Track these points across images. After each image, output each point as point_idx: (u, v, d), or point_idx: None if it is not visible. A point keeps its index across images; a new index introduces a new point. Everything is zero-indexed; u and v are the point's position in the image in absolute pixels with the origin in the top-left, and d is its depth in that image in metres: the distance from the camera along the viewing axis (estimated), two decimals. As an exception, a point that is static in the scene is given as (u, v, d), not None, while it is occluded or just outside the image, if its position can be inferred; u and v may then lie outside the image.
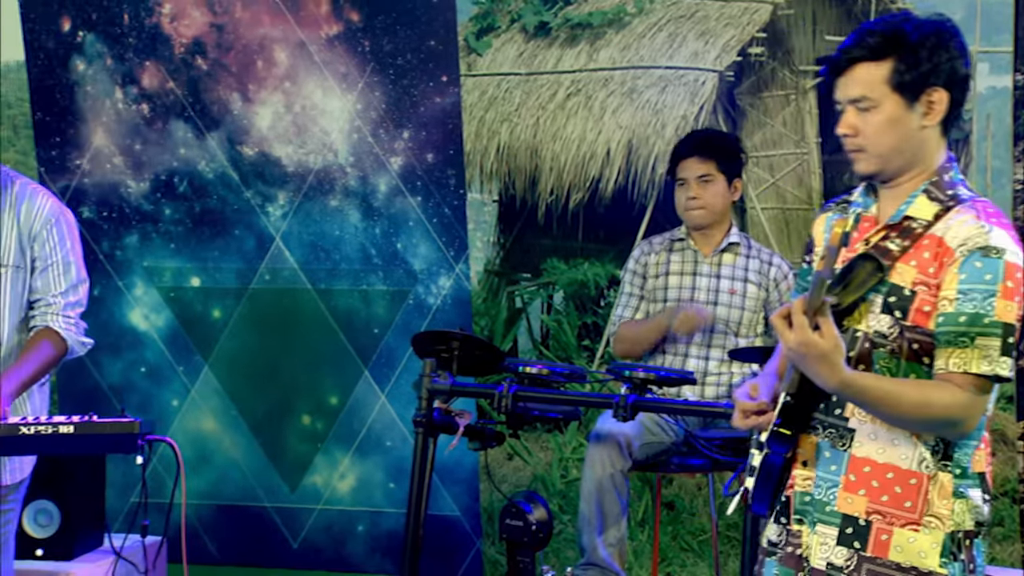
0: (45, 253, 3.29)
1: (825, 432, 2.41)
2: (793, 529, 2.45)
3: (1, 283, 3.26)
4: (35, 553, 3.98)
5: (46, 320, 3.29)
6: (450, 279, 5.06)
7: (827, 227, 2.50)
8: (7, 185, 3.30)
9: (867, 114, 2.37)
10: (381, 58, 5.02)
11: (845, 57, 2.38)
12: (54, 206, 3.33)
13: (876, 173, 2.42)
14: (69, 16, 5.24)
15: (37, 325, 3.29)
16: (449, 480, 5.00)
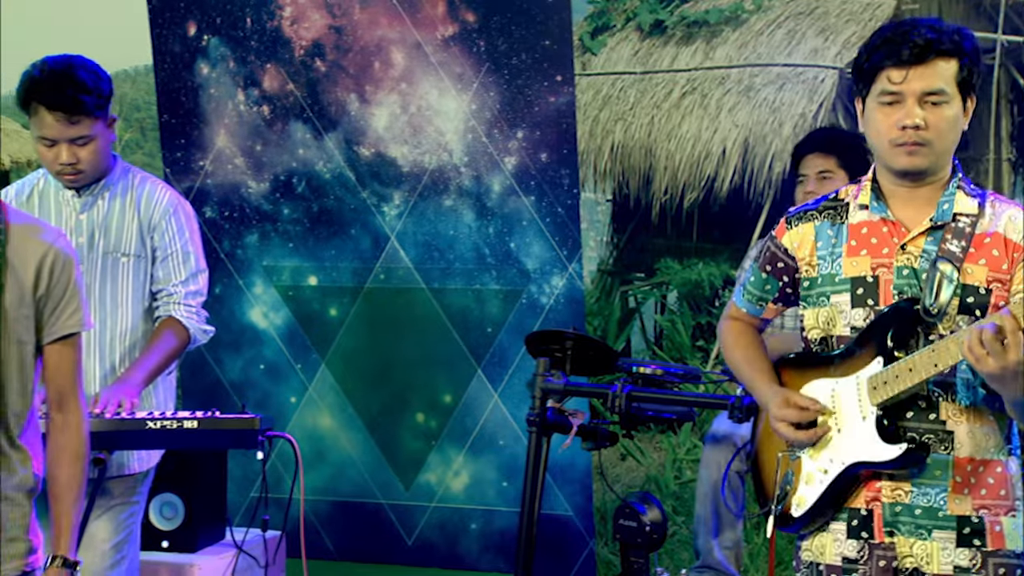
0: (165, 243, 3.37)
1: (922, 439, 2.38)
2: (883, 542, 2.41)
3: (124, 272, 3.34)
4: (161, 545, 4.06)
5: (169, 310, 3.36)
6: (563, 278, 5.05)
7: (820, 235, 2.47)
8: (127, 177, 3.39)
9: (939, 108, 2.36)
10: (496, 58, 5.03)
11: (931, 48, 2.34)
12: (172, 197, 3.41)
13: (927, 169, 2.40)
14: (195, 21, 5.36)
15: (160, 315, 3.37)
16: (562, 480, 5.00)
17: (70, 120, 3.17)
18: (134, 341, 3.35)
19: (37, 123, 3.20)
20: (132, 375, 3.24)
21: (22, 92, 3.19)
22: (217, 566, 4.02)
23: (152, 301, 3.39)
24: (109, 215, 3.34)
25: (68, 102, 3.14)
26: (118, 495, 3.33)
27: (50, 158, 3.24)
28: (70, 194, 3.33)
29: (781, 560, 4.83)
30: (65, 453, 2.55)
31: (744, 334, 2.65)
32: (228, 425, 3.26)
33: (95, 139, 3.23)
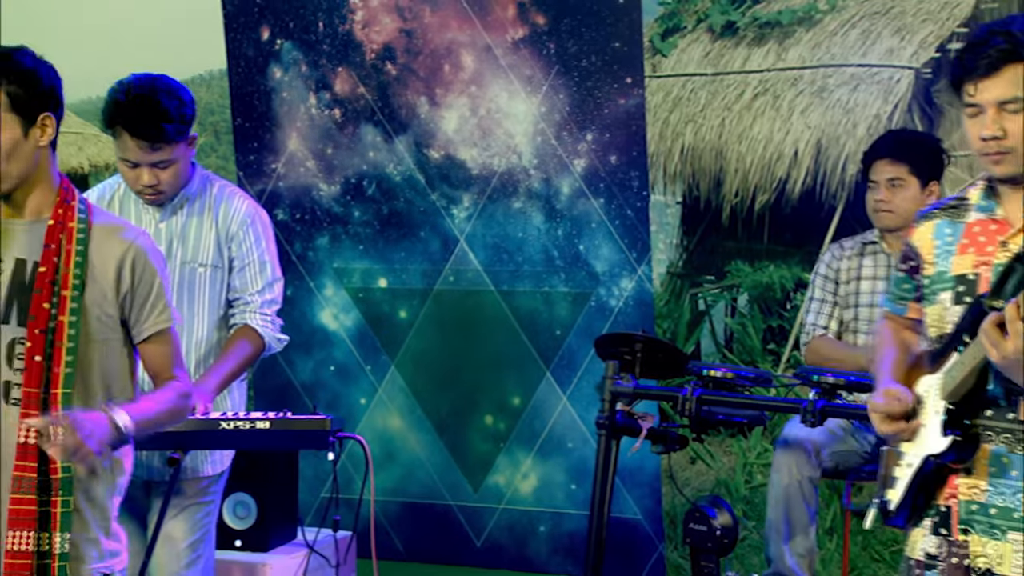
0: (242, 253, 3.40)
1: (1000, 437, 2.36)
2: (958, 540, 2.40)
3: (201, 282, 3.39)
4: (234, 544, 4.11)
5: (244, 318, 3.40)
6: (632, 281, 5.03)
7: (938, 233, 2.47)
8: (206, 188, 3.42)
9: (1017, 116, 2.34)
10: (566, 60, 5.02)
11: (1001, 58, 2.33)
12: (250, 207, 3.44)
13: (1017, 175, 2.38)
14: (268, 25, 5.42)
15: (236, 323, 3.41)
16: (631, 483, 4.98)
17: (152, 147, 3.20)
18: (209, 349, 3.39)
19: (120, 145, 3.24)
20: (207, 381, 3.28)
21: (106, 114, 3.23)
22: (289, 565, 4.06)
23: (228, 309, 3.43)
24: (187, 225, 3.38)
25: (151, 131, 3.17)
26: (193, 495, 3.38)
27: (132, 178, 3.28)
28: (150, 200, 3.38)
29: (854, 567, 4.77)
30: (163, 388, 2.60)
31: (888, 334, 2.64)
32: (299, 426, 3.29)
33: (177, 162, 3.26)
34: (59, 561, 2.43)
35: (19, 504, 2.41)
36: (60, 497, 2.43)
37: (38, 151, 2.48)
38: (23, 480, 2.41)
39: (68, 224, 2.48)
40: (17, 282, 2.48)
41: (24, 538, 2.41)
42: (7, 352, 2.47)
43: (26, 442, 2.42)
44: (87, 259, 2.49)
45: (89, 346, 2.50)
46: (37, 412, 2.42)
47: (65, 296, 2.45)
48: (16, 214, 2.50)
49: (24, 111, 2.44)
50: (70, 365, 2.44)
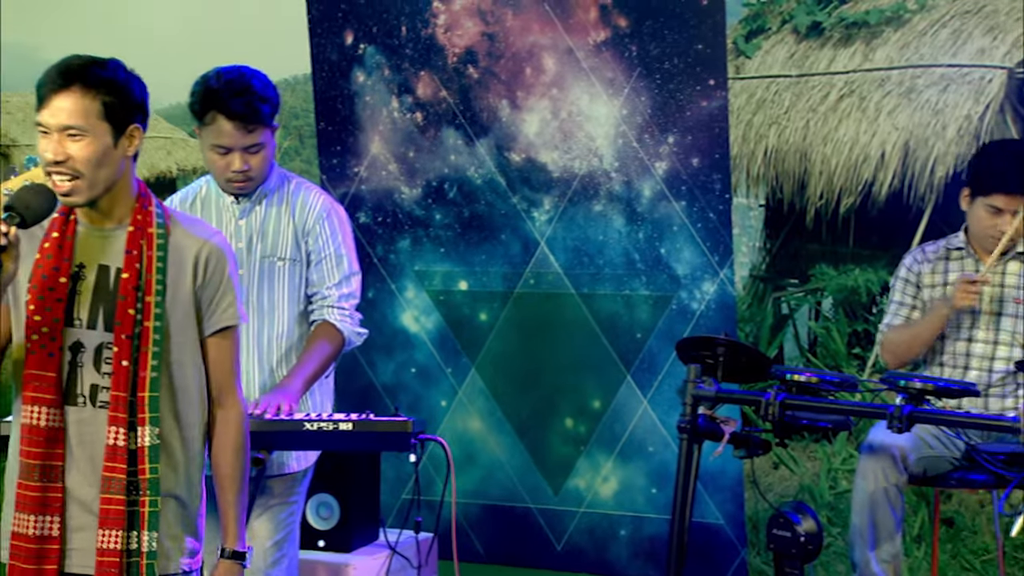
0: (319, 247, 3.43)
1: None
2: None
3: (280, 276, 3.43)
4: (317, 544, 4.14)
5: (323, 314, 3.42)
6: (714, 284, 4.99)
7: None
8: (283, 184, 3.47)
9: None
10: (648, 63, 5.00)
11: None
12: (326, 202, 3.47)
13: None
14: (352, 30, 5.47)
15: (315, 320, 3.44)
16: (713, 487, 4.94)
17: (247, 128, 3.26)
18: (290, 344, 3.43)
19: (214, 131, 3.29)
20: (292, 382, 3.31)
21: (199, 101, 3.29)
22: (371, 566, 4.08)
23: (307, 304, 3.46)
24: (266, 220, 3.42)
25: (247, 110, 3.24)
26: (278, 494, 3.41)
27: (222, 166, 3.33)
28: (229, 200, 3.42)
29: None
30: (226, 447, 2.64)
31: None
32: (382, 428, 3.31)
33: (264, 147, 3.33)
34: (147, 559, 2.48)
35: (109, 504, 2.47)
36: (148, 497, 2.48)
37: (124, 160, 2.54)
38: (113, 480, 2.47)
39: (148, 229, 2.54)
40: (101, 288, 2.53)
41: (114, 537, 2.47)
42: (94, 357, 2.52)
43: (115, 444, 2.47)
44: (167, 263, 2.54)
45: (173, 347, 2.55)
46: (124, 415, 2.48)
47: (149, 302, 2.50)
48: (97, 221, 2.56)
49: (116, 121, 2.50)
50: (155, 369, 2.49)
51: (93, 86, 2.48)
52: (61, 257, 2.51)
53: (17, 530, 2.49)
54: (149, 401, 2.48)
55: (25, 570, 2.48)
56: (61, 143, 2.47)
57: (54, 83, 2.48)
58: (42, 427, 2.48)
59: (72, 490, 2.50)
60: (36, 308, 2.49)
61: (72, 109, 2.46)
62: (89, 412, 2.51)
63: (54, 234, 2.53)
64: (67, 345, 2.51)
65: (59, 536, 2.49)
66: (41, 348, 2.49)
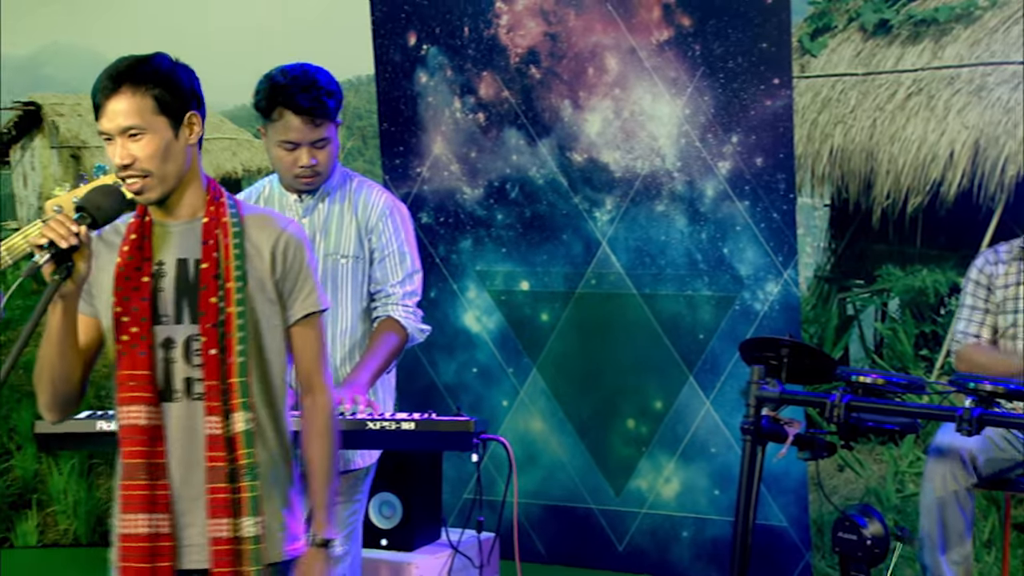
0: (382, 244, 3.44)
1: None
2: None
3: (343, 274, 3.45)
4: (380, 543, 4.16)
5: (387, 310, 3.44)
6: (778, 285, 4.95)
7: None
8: (346, 182, 3.49)
9: None
10: (711, 62, 4.97)
11: None
12: (388, 200, 3.49)
13: None
14: (415, 31, 5.50)
15: (379, 316, 3.45)
16: (776, 489, 4.90)
17: (314, 123, 3.29)
18: (354, 341, 3.45)
19: (281, 127, 3.32)
20: (358, 376, 3.33)
21: (266, 97, 3.32)
22: (433, 565, 4.09)
23: (370, 301, 3.48)
24: (329, 218, 3.44)
25: (314, 104, 3.27)
26: (341, 492, 3.43)
27: (289, 162, 3.35)
28: (293, 198, 3.45)
29: (1010, 581, 4.61)
30: (315, 434, 2.65)
31: None
32: (444, 427, 3.32)
33: (330, 142, 3.36)
34: (252, 544, 2.50)
35: (216, 493, 2.50)
36: (247, 482, 2.50)
37: (188, 149, 2.56)
38: (215, 470, 2.50)
39: (222, 219, 2.56)
40: (183, 282, 2.55)
41: (224, 526, 2.50)
42: (184, 350, 2.55)
43: (213, 433, 2.50)
44: (244, 250, 2.57)
45: (258, 333, 2.57)
46: (219, 403, 2.50)
47: (230, 288, 2.52)
48: (171, 217, 2.59)
49: (171, 112, 2.53)
50: (242, 354, 2.51)
51: (141, 83, 2.50)
52: (141, 257, 2.54)
53: (127, 531, 2.51)
54: (240, 387, 2.51)
55: (140, 569, 2.49)
56: (124, 146, 2.50)
57: (105, 89, 2.52)
58: (142, 426, 2.51)
59: (176, 486, 2.53)
60: (123, 309, 2.52)
61: (126, 110, 2.49)
62: (186, 405, 2.54)
63: (132, 236, 2.56)
64: (158, 342, 2.54)
65: (170, 533, 2.51)
66: (132, 348, 2.52)
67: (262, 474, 2.55)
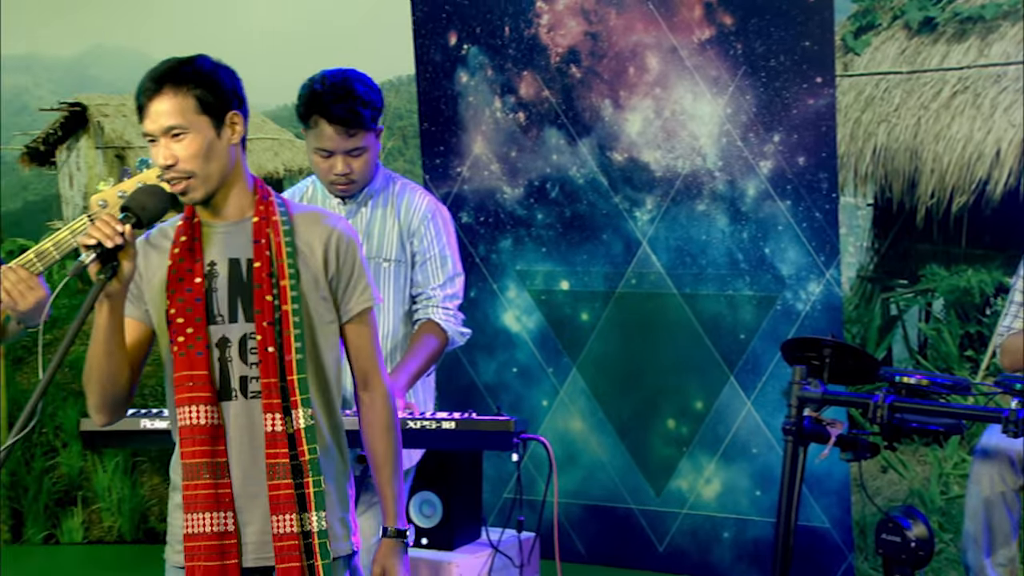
0: (423, 247, 3.45)
1: None
2: None
3: (385, 277, 3.45)
4: (420, 542, 4.17)
5: (427, 313, 3.45)
6: (820, 285, 4.92)
7: None
8: (388, 185, 3.50)
9: None
10: (753, 61, 4.95)
11: None
12: (431, 203, 3.49)
13: None
14: (456, 31, 5.51)
15: (420, 319, 3.46)
16: (819, 491, 4.87)
17: (348, 133, 3.29)
18: (395, 343, 3.46)
19: (316, 135, 3.34)
20: (397, 378, 3.34)
21: (303, 105, 3.34)
22: (474, 565, 4.09)
23: (411, 304, 3.49)
24: (371, 222, 3.45)
25: (348, 115, 3.27)
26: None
27: (325, 168, 3.37)
28: (336, 202, 3.46)
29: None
30: (376, 428, 2.66)
31: None
32: (484, 427, 3.32)
33: (367, 150, 3.35)
34: (319, 538, 2.51)
35: (277, 489, 2.51)
36: (311, 478, 2.51)
37: (231, 148, 2.58)
38: (277, 466, 2.51)
39: (272, 218, 2.58)
40: (235, 281, 2.57)
41: (288, 521, 2.50)
42: (239, 349, 2.56)
43: (273, 430, 2.51)
44: (296, 248, 2.58)
45: (314, 330, 2.58)
46: (278, 401, 2.52)
47: (284, 286, 2.54)
48: (219, 218, 2.60)
49: (212, 112, 2.54)
50: (300, 352, 2.52)
51: (183, 83, 2.52)
52: (192, 258, 2.56)
53: (192, 531, 2.52)
54: (299, 383, 2.51)
55: (209, 568, 2.51)
56: (168, 147, 2.52)
57: (148, 91, 2.54)
58: (203, 425, 2.52)
59: (238, 484, 2.55)
60: (177, 311, 2.54)
61: (168, 110, 2.51)
62: (243, 404, 2.55)
63: (182, 238, 2.58)
64: (213, 342, 2.55)
65: (235, 531, 2.53)
66: (189, 349, 2.53)
67: (323, 469, 2.56)
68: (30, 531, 6.04)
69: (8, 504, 6.03)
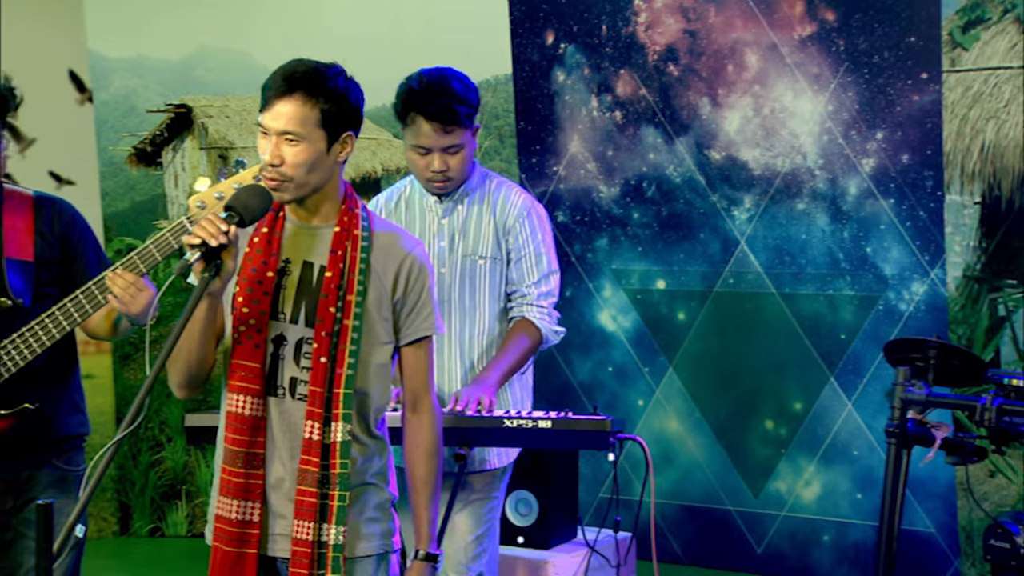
0: (519, 245, 3.45)
1: None
2: None
3: (481, 274, 3.46)
4: (516, 540, 4.18)
5: (522, 311, 3.45)
6: (924, 285, 4.83)
7: None
8: (484, 182, 3.50)
9: None
10: (856, 57, 4.87)
11: None
12: (526, 200, 3.49)
13: None
14: (553, 30, 5.51)
15: (514, 316, 3.47)
16: (923, 494, 4.77)
17: (445, 130, 3.31)
18: (490, 341, 3.46)
19: (413, 132, 3.36)
20: (489, 375, 3.35)
21: (401, 102, 3.37)
22: (570, 564, 4.09)
23: (507, 302, 3.50)
24: (468, 220, 3.46)
25: (445, 112, 3.29)
26: (479, 490, 3.45)
27: (422, 166, 3.39)
28: (433, 200, 3.48)
29: None
30: (420, 451, 2.68)
31: None
32: (581, 426, 3.31)
33: (463, 148, 3.37)
34: (333, 552, 2.54)
35: (303, 495, 2.54)
36: (337, 491, 2.54)
37: (335, 165, 2.60)
38: (307, 473, 2.54)
39: (353, 231, 2.59)
40: (305, 284, 2.60)
41: (306, 528, 2.54)
42: (294, 350, 2.59)
43: (311, 437, 2.54)
44: (370, 265, 2.60)
45: (369, 348, 2.60)
46: (321, 410, 2.54)
47: (350, 301, 2.56)
48: (304, 218, 2.63)
49: (331, 128, 2.56)
50: (352, 367, 2.55)
51: (314, 94, 2.53)
52: (269, 252, 2.59)
53: (221, 513, 2.58)
54: (343, 398, 2.54)
55: (227, 552, 2.56)
56: (278, 146, 2.54)
57: (278, 88, 2.55)
58: (246, 415, 2.57)
59: (273, 478, 2.58)
60: (244, 300, 2.57)
61: (292, 115, 2.53)
62: (289, 404, 2.59)
63: (264, 229, 2.61)
64: (271, 337, 2.59)
65: (259, 521, 2.57)
66: (248, 339, 2.57)
67: (359, 479, 2.59)
68: (137, 524, 6.18)
69: (116, 497, 6.17)
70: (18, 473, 3.12)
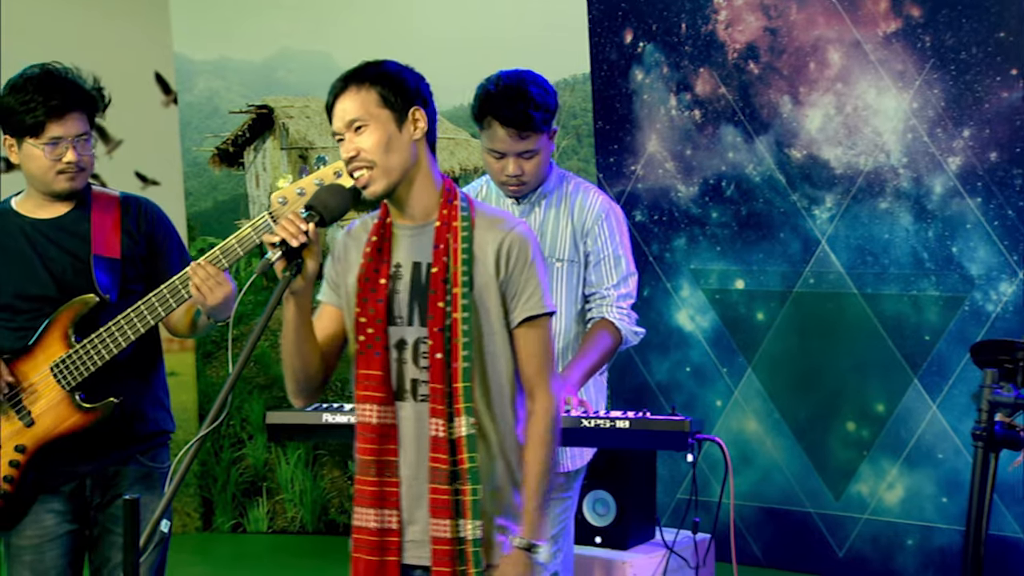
0: (597, 247, 3.44)
1: None
2: None
3: (558, 277, 3.46)
4: (594, 540, 4.16)
5: (602, 312, 3.43)
6: (1012, 285, 4.73)
7: None
8: (562, 184, 3.49)
9: None
10: (942, 53, 4.79)
11: None
12: (604, 202, 3.47)
13: None
14: (631, 28, 5.49)
15: (593, 317, 3.45)
16: (1011, 499, 4.68)
17: (520, 135, 3.30)
18: (567, 342, 3.46)
19: (489, 136, 3.36)
20: (570, 374, 3.34)
21: (478, 105, 3.37)
22: (648, 565, 4.07)
23: (584, 304, 3.49)
24: (545, 222, 3.45)
25: (520, 118, 3.28)
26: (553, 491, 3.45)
27: (497, 169, 3.39)
28: (510, 202, 3.48)
29: None
30: (533, 440, 2.64)
31: None
32: (659, 426, 3.29)
33: (539, 152, 3.35)
34: (473, 547, 2.54)
35: (437, 494, 2.55)
36: (469, 486, 2.54)
37: (414, 144, 2.61)
38: (438, 471, 2.55)
39: (453, 224, 2.60)
40: (416, 285, 2.61)
41: (444, 526, 2.54)
42: (413, 352, 2.60)
43: (437, 435, 2.55)
44: (472, 254, 2.60)
45: (483, 338, 2.60)
46: (443, 407, 2.54)
47: (456, 294, 2.56)
48: (406, 219, 2.64)
49: (394, 107, 2.59)
50: (467, 360, 2.54)
51: (365, 80, 2.59)
52: (380, 259, 2.61)
53: (359, 524, 2.60)
54: (463, 391, 2.54)
55: (369, 562, 2.58)
56: (351, 140, 2.58)
57: (334, 90, 2.61)
58: (375, 424, 2.58)
59: (405, 484, 2.60)
60: (362, 310, 2.60)
61: (350, 106, 2.58)
62: (413, 407, 2.60)
63: (373, 238, 2.63)
64: (392, 343, 2.60)
65: (398, 529, 2.58)
66: (368, 348, 2.59)
67: (484, 478, 2.57)
68: (219, 519, 6.27)
69: (199, 493, 6.27)
70: (105, 469, 3.18)
